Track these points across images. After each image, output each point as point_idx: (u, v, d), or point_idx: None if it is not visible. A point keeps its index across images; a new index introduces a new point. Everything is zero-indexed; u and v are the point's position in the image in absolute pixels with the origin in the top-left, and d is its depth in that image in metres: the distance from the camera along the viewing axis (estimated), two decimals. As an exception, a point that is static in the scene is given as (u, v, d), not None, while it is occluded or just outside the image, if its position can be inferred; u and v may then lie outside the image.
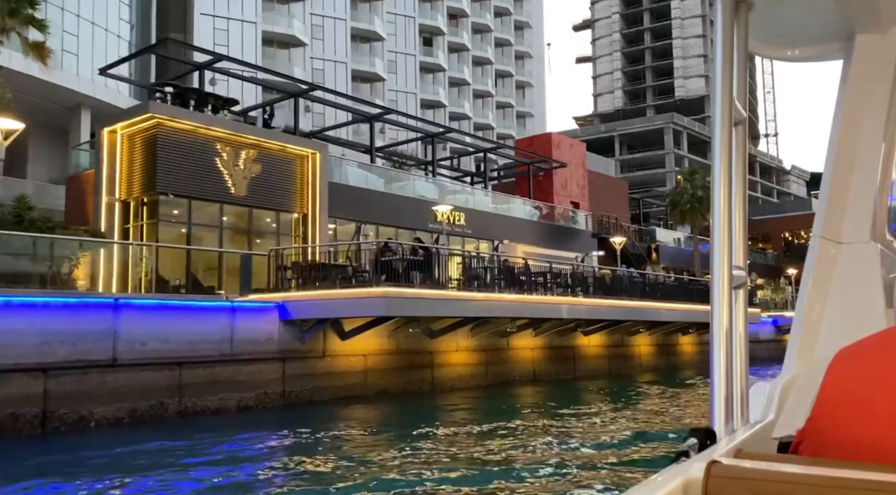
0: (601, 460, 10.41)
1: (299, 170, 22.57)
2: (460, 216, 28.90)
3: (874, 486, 1.02)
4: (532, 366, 23.01)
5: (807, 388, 1.56)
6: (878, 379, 1.21)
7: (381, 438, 12.62)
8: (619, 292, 23.84)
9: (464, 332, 20.30)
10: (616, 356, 26.87)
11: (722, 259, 1.57)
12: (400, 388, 18.13)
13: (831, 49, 2.64)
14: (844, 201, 2.51)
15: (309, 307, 15.35)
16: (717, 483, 1.12)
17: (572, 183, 39.29)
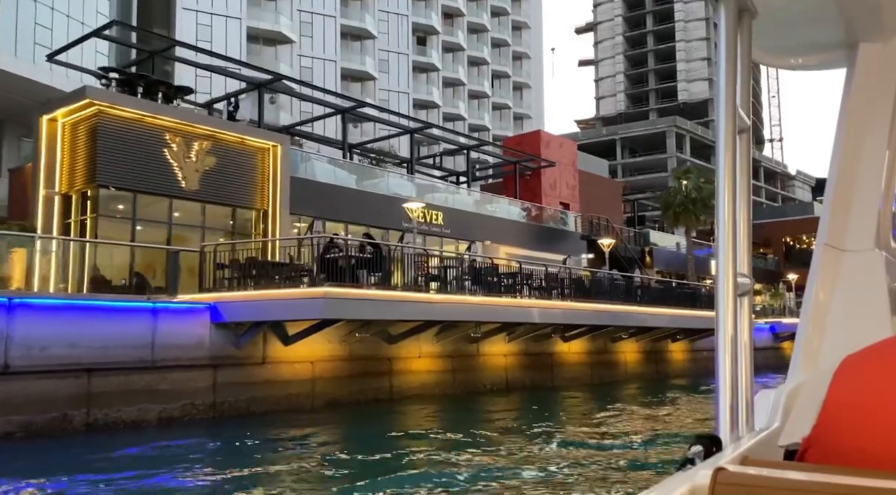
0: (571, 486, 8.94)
1: (259, 163, 21.14)
2: (438, 215, 27.42)
3: (878, 493, 1.02)
4: (505, 374, 21.47)
5: (812, 396, 1.41)
6: (884, 387, 1.22)
7: (322, 453, 11.17)
8: (599, 295, 22.29)
9: (428, 337, 18.81)
10: (599, 363, 25.30)
11: (727, 266, 1.55)
12: (353, 398, 16.63)
13: (834, 57, 2.65)
14: (849, 209, 2.52)
15: (243, 309, 13.90)
16: (724, 490, 1.12)
17: (562, 183, 37.75)
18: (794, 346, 2.42)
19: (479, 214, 30.46)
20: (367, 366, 17.10)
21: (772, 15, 2.17)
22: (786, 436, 1.77)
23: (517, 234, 31.44)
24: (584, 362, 24.67)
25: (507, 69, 68.67)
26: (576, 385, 23.59)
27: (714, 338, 1.56)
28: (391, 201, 25.77)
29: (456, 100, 61.98)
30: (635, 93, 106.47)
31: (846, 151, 2.53)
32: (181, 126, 19.18)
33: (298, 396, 15.49)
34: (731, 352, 1.54)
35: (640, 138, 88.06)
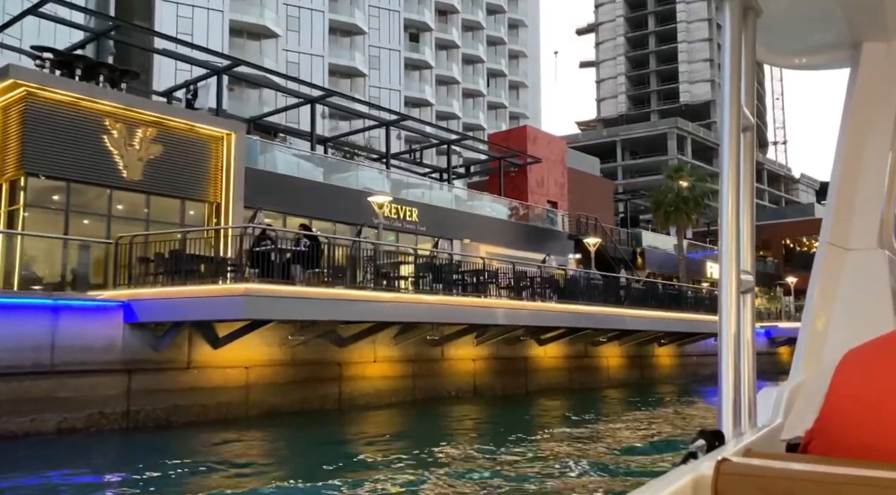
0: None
1: (212, 153, 19.66)
2: (412, 211, 25.90)
3: (881, 483, 1.02)
4: (473, 380, 19.91)
5: (815, 391, 1.43)
6: (885, 381, 1.22)
7: (250, 471, 9.69)
8: (575, 296, 20.72)
9: (384, 340, 17.28)
10: (578, 369, 23.69)
11: (730, 264, 1.55)
12: (295, 406, 15.11)
13: (838, 57, 2.64)
14: (852, 208, 2.51)
15: (159, 307, 12.41)
16: (727, 480, 1.13)
17: (550, 180, 36.17)
18: (796, 344, 2.44)
19: (459, 211, 28.91)
20: (314, 372, 15.57)
21: (776, 14, 2.18)
22: (788, 430, 1.76)
23: (501, 233, 29.89)
24: (561, 367, 23.08)
25: (502, 68, 67.14)
26: (552, 391, 22.01)
27: (717, 334, 1.52)
28: (361, 196, 24.27)
29: (450, 98, 60.48)
30: (637, 94, 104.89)
31: (849, 150, 2.53)
32: (123, 111, 17.72)
33: (230, 405, 13.97)
34: (733, 348, 1.52)
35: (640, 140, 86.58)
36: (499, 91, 67.02)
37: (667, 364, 28.06)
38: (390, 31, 54.05)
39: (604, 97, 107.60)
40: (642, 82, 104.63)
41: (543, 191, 35.67)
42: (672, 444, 12.93)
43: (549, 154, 36.13)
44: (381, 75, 53.34)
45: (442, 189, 28.91)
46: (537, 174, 35.40)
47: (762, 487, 1.12)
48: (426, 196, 27.45)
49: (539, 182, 35.53)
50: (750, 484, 1.13)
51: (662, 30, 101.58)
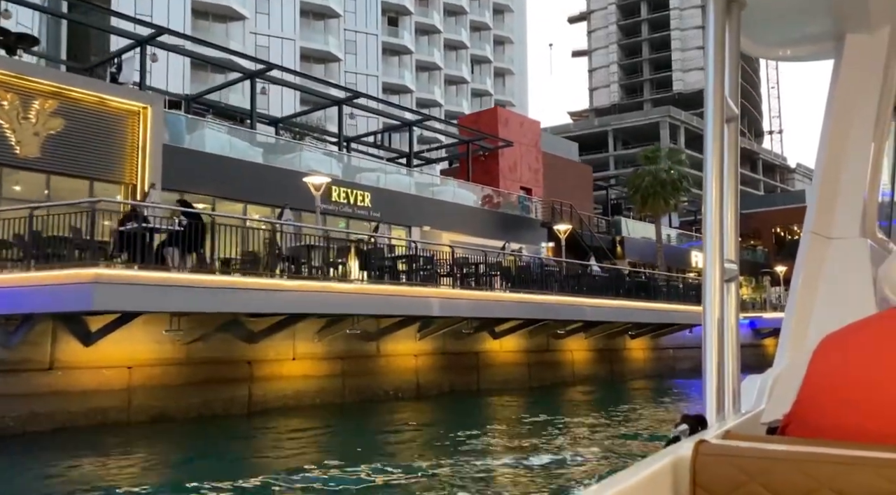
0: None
1: (127, 129, 17.68)
2: (364, 196, 23.90)
3: (852, 461, 1.06)
4: (415, 378, 17.95)
5: (794, 376, 1.43)
6: (859, 363, 1.25)
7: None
8: (528, 285, 18.74)
9: (306, 335, 15.33)
10: (539, 364, 21.73)
11: (714, 252, 1.56)
12: (192, 412, 13.16)
13: (822, 49, 2.66)
14: (835, 197, 2.51)
15: (5, 297, 10.46)
16: (705, 460, 1.16)
17: (523, 165, 34.13)
18: (781, 331, 2.44)
19: (420, 197, 26.92)
20: (216, 372, 13.61)
21: (760, 6, 2.19)
22: (768, 414, 1.78)
23: (468, 221, 27.89)
24: (519, 362, 21.12)
25: (487, 54, 64.93)
26: (508, 388, 20.05)
27: (699, 323, 1.54)
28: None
29: (431, 85, 58.35)
30: (629, 83, 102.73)
31: (833, 141, 2.53)
32: (14, 80, 15.74)
33: (107, 411, 12.02)
34: (717, 336, 1.52)
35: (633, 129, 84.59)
36: (483, 78, 64.85)
37: (640, 357, 26.09)
38: (367, 15, 51.88)
39: (596, 86, 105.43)
40: (635, 71, 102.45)
41: (516, 177, 33.65)
42: (634, 456, 11.11)
43: (522, 137, 34.09)
44: (358, 60, 51.22)
45: (399, 173, 26.87)
46: (509, 159, 33.37)
47: (739, 467, 1.14)
48: (381, 180, 25.45)
49: (511, 167, 33.50)
50: (727, 464, 1.15)
51: (655, 17, 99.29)
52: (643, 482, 1.14)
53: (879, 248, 2.50)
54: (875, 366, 1.23)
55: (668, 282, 24.83)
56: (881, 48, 2.45)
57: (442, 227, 26.49)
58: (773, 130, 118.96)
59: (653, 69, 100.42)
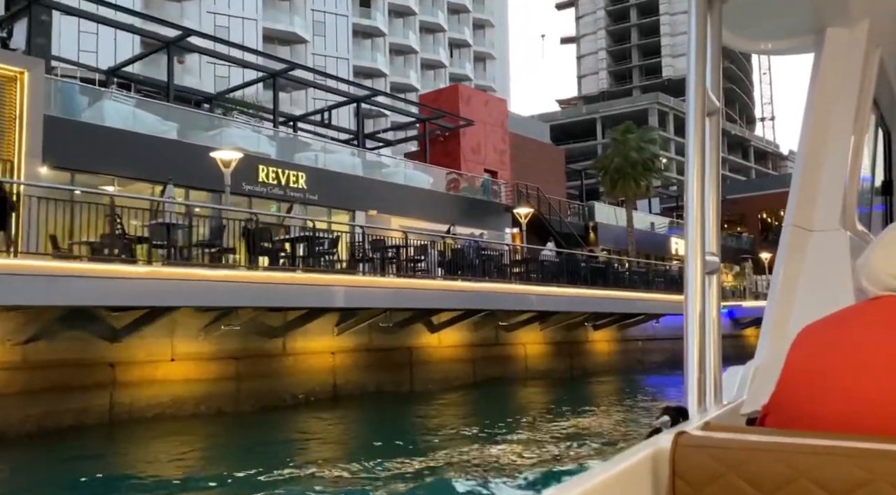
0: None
1: (5, 97, 15.35)
2: (298, 177, 21.58)
3: (827, 451, 1.06)
4: (332, 378, 15.68)
5: (774, 368, 1.44)
6: (835, 355, 1.25)
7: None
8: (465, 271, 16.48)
9: (188, 331, 13.05)
10: (485, 359, 19.46)
11: (696, 245, 1.55)
12: (30, 425, 10.90)
13: (803, 42, 2.66)
14: (815, 190, 2.52)
15: None
16: (684, 451, 1.16)
17: (488, 146, 31.78)
18: (762, 323, 2.42)
19: (365, 179, 24.59)
20: (64, 377, 11.34)
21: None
22: (748, 406, 1.79)
23: (423, 205, 25.57)
24: (462, 357, 18.85)
25: (466, 37, 62.36)
26: (448, 387, 17.81)
27: (683, 315, 1.53)
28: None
29: (407, 69, 55.84)
30: (618, 70, 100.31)
31: (813, 134, 2.53)
32: None
33: None
34: (699, 328, 1.51)
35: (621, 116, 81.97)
36: (463, 62, 62.28)
37: (604, 350, 23.83)
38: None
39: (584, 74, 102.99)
40: (624, 57, 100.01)
41: (480, 159, 31.31)
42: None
43: (487, 117, 31.72)
44: (327, 42, 48.71)
45: (340, 152, 24.50)
46: (472, 139, 31.02)
47: (717, 457, 1.14)
48: (320, 159, 23.11)
49: (475, 148, 31.15)
50: (706, 455, 1.15)
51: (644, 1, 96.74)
52: (624, 473, 1.15)
53: (859, 240, 2.51)
54: (851, 356, 1.24)
55: (631, 270, 22.51)
56: (860, 42, 2.48)
57: (392, 212, 24.18)
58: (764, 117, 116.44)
59: (642, 55, 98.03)
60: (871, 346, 1.23)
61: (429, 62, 58.26)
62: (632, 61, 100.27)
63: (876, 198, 3.20)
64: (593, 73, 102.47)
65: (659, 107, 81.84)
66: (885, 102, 2.87)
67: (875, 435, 1.11)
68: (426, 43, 58.20)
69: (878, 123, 2.95)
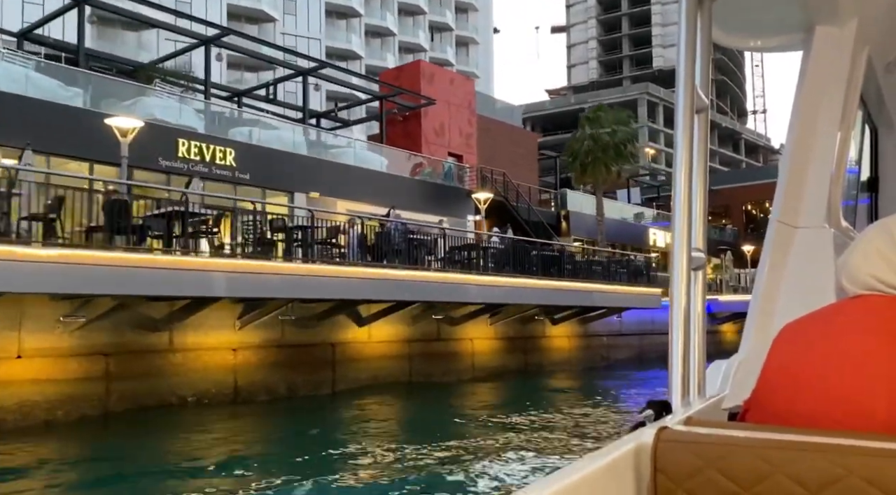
0: None
1: None
2: (227, 153, 19.43)
3: (804, 447, 1.08)
4: (233, 378, 13.62)
5: (756, 363, 1.45)
6: (815, 352, 1.26)
7: None
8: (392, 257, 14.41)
9: (42, 323, 10.97)
10: (424, 356, 17.42)
11: (682, 241, 1.55)
12: None
13: (792, 40, 2.67)
14: (801, 187, 2.52)
15: None
16: (666, 447, 1.17)
17: (452, 129, 29.63)
18: (746, 319, 2.42)
19: (313, 158, 22.48)
20: None
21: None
22: (730, 401, 1.79)
23: (376, 188, 23.40)
24: (396, 354, 16.81)
25: (448, 21, 60.02)
26: (378, 387, 15.79)
27: (669, 310, 1.55)
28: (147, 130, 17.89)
29: (384, 52, 53.51)
30: (608, 60, 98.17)
31: (800, 132, 2.53)
32: None
33: None
34: (683, 323, 1.53)
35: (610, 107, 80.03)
36: (444, 47, 59.98)
37: (563, 346, 21.81)
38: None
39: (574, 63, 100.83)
40: (614, 47, 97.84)
41: (443, 141, 29.17)
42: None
43: (452, 96, 29.55)
44: (298, 21, 46.40)
45: (282, 129, 22.34)
46: (435, 120, 28.86)
47: (697, 453, 1.15)
48: (255, 135, 20.95)
49: (438, 130, 29.00)
50: (687, 450, 1.16)
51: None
52: (607, 467, 1.15)
53: (843, 237, 2.49)
54: (831, 354, 1.24)
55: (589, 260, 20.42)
56: (849, 40, 2.47)
57: (339, 195, 22.07)
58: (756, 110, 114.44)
59: (632, 45, 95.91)
60: (849, 345, 1.24)
61: (407, 45, 55.94)
62: (622, 51, 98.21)
63: (861, 194, 3.18)
64: (583, 63, 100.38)
65: (649, 97, 79.76)
66: (871, 100, 2.90)
67: (851, 431, 1.13)
68: (405, 25, 55.90)
69: (865, 120, 2.98)
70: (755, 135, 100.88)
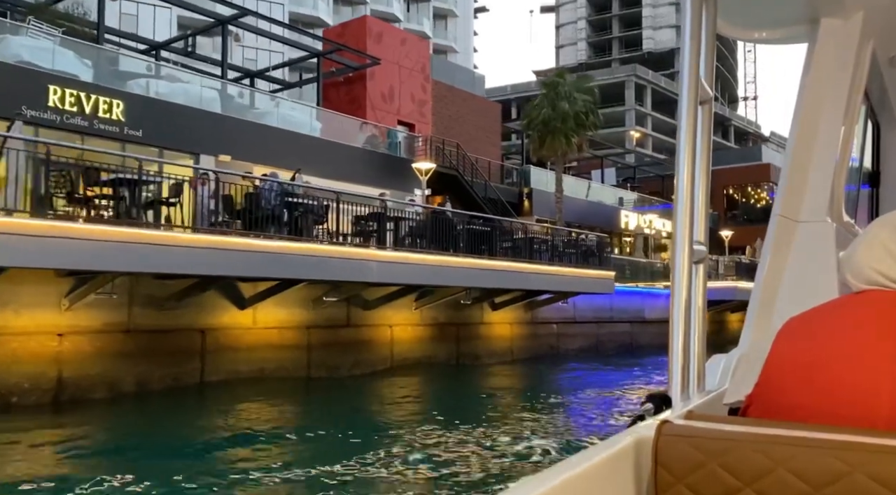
0: None
1: None
2: (113, 105, 16.53)
3: (808, 443, 1.06)
4: (56, 370, 10.85)
5: (758, 358, 1.42)
6: (818, 347, 1.25)
7: None
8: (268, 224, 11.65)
9: None
10: (329, 344, 14.68)
11: (684, 234, 1.53)
12: None
13: (797, 32, 2.64)
14: (804, 181, 2.50)
15: None
16: (667, 440, 1.15)
17: (403, 95, 26.73)
18: (747, 313, 2.40)
19: (229, 117, 19.58)
20: None
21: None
22: (731, 395, 1.78)
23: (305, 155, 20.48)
24: (291, 342, 14.05)
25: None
26: (265, 382, 13.09)
27: (669, 302, 1.51)
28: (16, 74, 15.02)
29: (354, 20, 50.29)
30: (598, 41, 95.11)
31: (804, 125, 2.50)
32: None
33: None
34: (684, 316, 1.49)
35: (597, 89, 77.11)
36: (420, 18, 56.75)
37: (504, 334, 19.13)
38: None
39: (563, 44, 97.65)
40: (604, 28, 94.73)
41: (392, 108, 26.28)
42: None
43: (403, 58, 26.63)
44: (258, -16, 43.06)
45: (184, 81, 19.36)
46: (383, 83, 25.95)
47: (699, 447, 1.14)
48: (153, 87, 18.04)
49: (386, 95, 26.10)
50: (688, 444, 1.14)
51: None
52: (608, 460, 1.14)
53: (845, 232, 2.47)
54: (834, 349, 1.23)
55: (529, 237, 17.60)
56: (854, 33, 2.45)
57: (257, 160, 19.20)
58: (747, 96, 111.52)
59: (622, 26, 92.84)
60: (853, 340, 1.23)
61: (380, 14, 52.57)
62: (612, 32, 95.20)
63: (863, 190, 3.15)
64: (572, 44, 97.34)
65: (637, 80, 76.88)
66: (875, 94, 2.86)
67: (854, 427, 1.11)
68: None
69: (868, 115, 2.94)
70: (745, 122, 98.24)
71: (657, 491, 1.15)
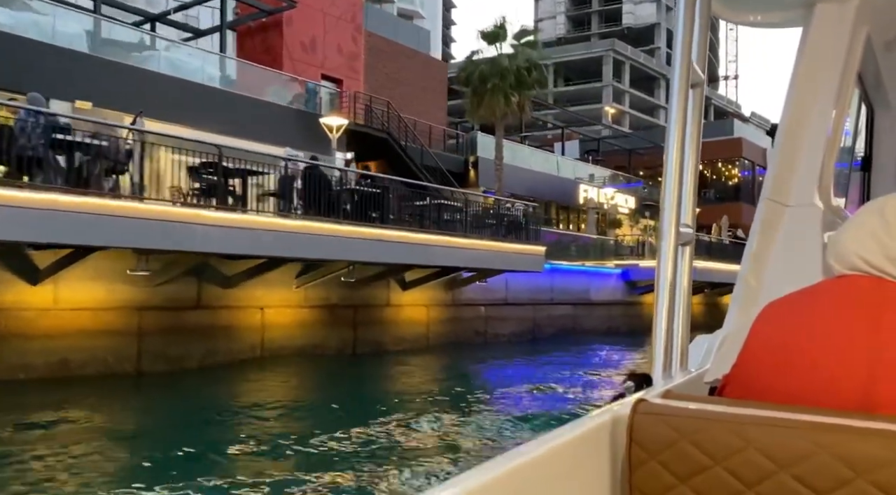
0: None
1: None
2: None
3: (781, 423, 1.08)
4: None
5: (738, 339, 1.42)
6: (795, 330, 1.26)
7: None
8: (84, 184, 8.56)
9: None
10: (170, 330, 11.65)
11: (671, 216, 1.55)
12: None
13: (792, 16, 2.63)
14: (793, 165, 2.51)
15: None
16: (642, 419, 1.17)
17: (329, 46, 23.44)
18: (732, 295, 2.43)
19: (95, 58, 16.33)
20: None
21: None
22: (710, 374, 1.80)
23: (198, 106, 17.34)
24: (114, 328, 10.99)
25: (388, -47, 52.87)
26: (68, 382, 10.10)
27: (654, 283, 1.52)
28: None
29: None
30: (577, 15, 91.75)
31: (795, 109, 2.51)
32: None
33: None
34: (669, 297, 1.51)
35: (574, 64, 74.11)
36: (383, -18, 52.95)
37: (418, 318, 16.15)
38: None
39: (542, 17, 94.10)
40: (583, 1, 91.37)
41: (314, 60, 23.00)
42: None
43: (329, 6, 23.31)
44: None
45: (45, 14, 16.03)
46: (303, 32, 22.63)
47: (672, 425, 1.15)
48: None
49: (307, 45, 22.80)
50: (662, 422, 1.16)
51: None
52: (583, 436, 1.16)
53: (833, 217, 2.46)
54: (811, 332, 1.23)
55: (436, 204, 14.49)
56: (849, 18, 2.42)
57: (130, 109, 15.98)
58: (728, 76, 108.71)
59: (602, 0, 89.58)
60: (831, 324, 1.24)
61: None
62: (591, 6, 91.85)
63: (854, 171, 3.19)
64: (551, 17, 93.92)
65: (615, 55, 73.80)
66: (869, 79, 2.86)
67: (826, 409, 1.12)
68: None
69: (862, 100, 2.95)
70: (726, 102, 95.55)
71: (631, 468, 1.16)
